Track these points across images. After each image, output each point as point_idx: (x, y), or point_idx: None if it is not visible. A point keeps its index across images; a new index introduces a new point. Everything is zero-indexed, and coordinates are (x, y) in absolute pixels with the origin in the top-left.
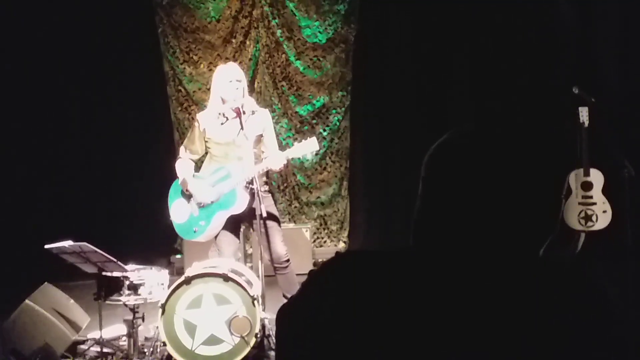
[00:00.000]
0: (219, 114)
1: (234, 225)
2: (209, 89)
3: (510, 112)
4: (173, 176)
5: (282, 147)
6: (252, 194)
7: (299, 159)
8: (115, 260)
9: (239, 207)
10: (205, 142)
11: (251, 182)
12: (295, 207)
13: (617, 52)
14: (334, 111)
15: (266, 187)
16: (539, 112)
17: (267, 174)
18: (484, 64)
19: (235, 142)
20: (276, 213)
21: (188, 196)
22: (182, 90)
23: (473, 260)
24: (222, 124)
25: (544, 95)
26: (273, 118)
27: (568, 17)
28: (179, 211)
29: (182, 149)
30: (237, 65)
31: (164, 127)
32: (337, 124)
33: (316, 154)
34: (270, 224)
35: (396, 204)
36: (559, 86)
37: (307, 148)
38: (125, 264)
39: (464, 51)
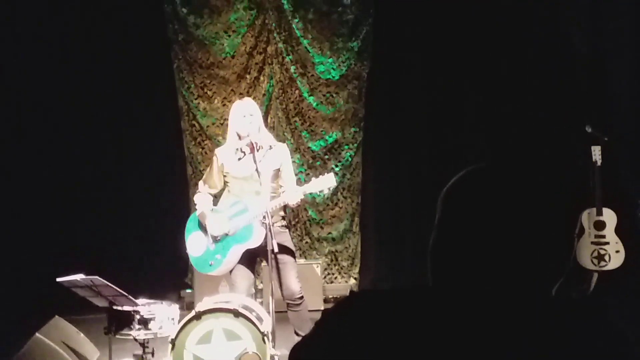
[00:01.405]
0: (237, 149)
1: (249, 260)
2: (222, 124)
3: (524, 150)
4: (185, 210)
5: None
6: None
7: (311, 194)
8: (126, 294)
9: (255, 241)
10: (224, 176)
11: (265, 217)
12: (307, 242)
13: (630, 90)
14: (346, 147)
15: (283, 222)
16: (551, 151)
17: (285, 208)
18: (497, 101)
19: (252, 176)
20: (293, 248)
21: (205, 229)
22: (196, 124)
23: (487, 299)
24: (239, 159)
25: (557, 133)
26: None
27: (581, 53)
28: (195, 244)
29: (201, 183)
30: (252, 100)
31: (177, 162)
32: (349, 159)
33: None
34: (286, 259)
35: (407, 240)
36: (571, 125)
37: (325, 184)
38: (136, 298)
39: (477, 88)
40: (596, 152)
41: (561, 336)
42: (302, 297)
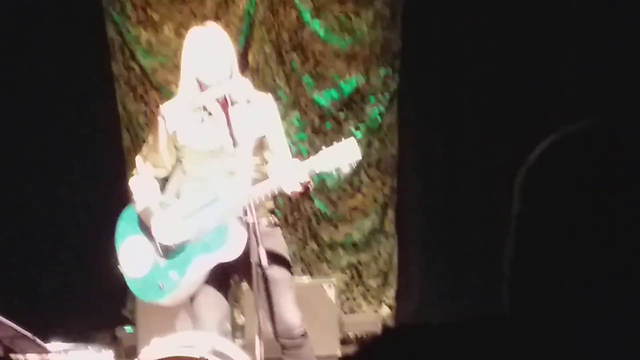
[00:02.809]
0: (197, 107)
1: (221, 279)
2: (177, 66)
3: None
4: (122, 201)
5: (293, 155)
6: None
7: (320, 174)
8: (30, 335)
9: (231, 250)
10: (177, 150)
11: (246, 212)
12: (313, 250)
13: None
14: (372, 99)
15: (272, 219)
16: None
17: (274, 197)
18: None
19: (223, 149)
20: (287, 258)
21: (150, 233)
22: (136, 67)
23: (597, 338)
24: (202, 120)
25: None
26: (278, 110)
27: None
28: (134, 257)
29: (139, 160)
30: (220, 27)
31: (107, 126)
32: (378, 119)
33: None
34: (278, 275)
35: (470, 246)
36: None
37: (342, 156)
38: (46, 341)
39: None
40: None
41: None
42: (304, 335)
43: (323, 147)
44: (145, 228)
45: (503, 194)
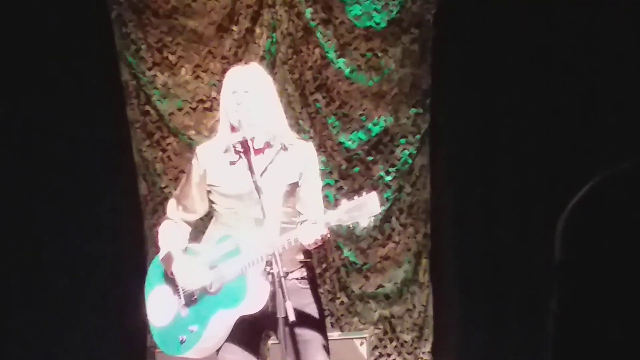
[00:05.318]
0: (227, 146)
1: (248, 334)
2: (195, 109)
3: None
4: (139, 255)
5: None
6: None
7: (340, 225)
8: None
9: (251, 304)
10: (208, 192)
11: (271, 264)
12: (343, 303)
13: None
14: (402, 141)
15: (303, 273)
16: None
17: (307, 250)
18: None
19: (252, 195)
20: (319, 317)
21: (173, 282)
22: (152, 112)
23: None
24: (231, 163)
25: None
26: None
27: None
28: (159, 307)
29: (172, 203)
30: (260, 67)
31: (121, 176)
32: (409, 161)
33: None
34: (308, 335)
35: (511, 294)
36: None
37: (362, 210)
38: None
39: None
40: None
41: None
42: None
43: (342, 201)
44: (168, 278)
45: (545, 240)
